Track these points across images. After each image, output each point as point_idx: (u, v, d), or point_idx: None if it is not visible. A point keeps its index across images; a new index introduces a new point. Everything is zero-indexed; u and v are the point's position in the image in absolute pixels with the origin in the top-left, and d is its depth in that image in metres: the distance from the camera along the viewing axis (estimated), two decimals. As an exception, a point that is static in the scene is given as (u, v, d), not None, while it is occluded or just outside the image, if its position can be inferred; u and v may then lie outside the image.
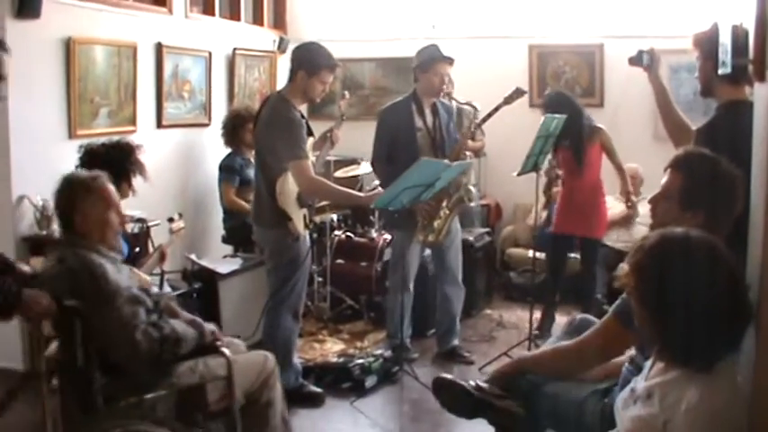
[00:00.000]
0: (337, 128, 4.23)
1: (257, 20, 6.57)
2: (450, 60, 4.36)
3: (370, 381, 4.17)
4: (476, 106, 4.29)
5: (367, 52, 6.81)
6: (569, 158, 4.84)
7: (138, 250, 3.95)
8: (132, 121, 4.95)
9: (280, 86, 5.12)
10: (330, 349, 4.78)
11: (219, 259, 4.90)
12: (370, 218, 5.69)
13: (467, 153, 4.36)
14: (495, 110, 4.29)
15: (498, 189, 6.44)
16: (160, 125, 5.26)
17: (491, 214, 6.49)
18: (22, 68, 3.76)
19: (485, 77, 5.49)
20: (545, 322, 5.01)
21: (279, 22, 6.84)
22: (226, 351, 2.79)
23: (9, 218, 4.11)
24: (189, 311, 3.10)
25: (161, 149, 5.10)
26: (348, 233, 5.60)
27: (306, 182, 3.68)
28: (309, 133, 3.82)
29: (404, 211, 3.86)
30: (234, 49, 6.01)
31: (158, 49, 5.17)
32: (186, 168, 5.56)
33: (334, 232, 5.53)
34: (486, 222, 6.32)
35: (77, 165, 3.46)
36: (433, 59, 4.33)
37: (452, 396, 2.56)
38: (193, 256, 4.50)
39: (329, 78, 3.83)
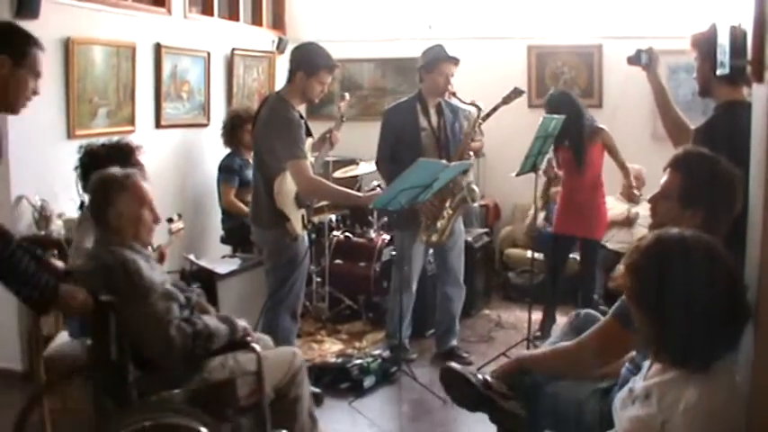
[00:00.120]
0: (337, 129, 4.22)
1: (256, 20, 6.57)
2: (456, 60, 4.36)
3: (368, 381, 4.18)
4: (479, 106, 4.28)
5: (366, 53, 6.81)
6: (569, 159, 4.83)
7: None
8: (131, 121, 4.95)
9: (278, 87, 5.12)
10: (328, 349, 4.78)
11: (218, 259, 4.89)
12: (369, 218, 5.68)
13: (470, 153, 4.36)
14: (494, 110, 4.30)
15: (497, 189, 6.44)
16: (159, 125, 5.25)
17: (490, 214, 6.49)
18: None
19: (483, 78, 5.48)
20: (546, 324, 5.01)
21: (278, 22, 6.84)
22: (256, 347, 2.80)
23: (7, 218, 4.07)
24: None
25: (160, 150, 5.09)
26: (347, 233, 5.60)
27: (304, 182, 3.68)
28: (308, 134, 3.82)
29: (407, 211, 3.86)
30: (233, 50, 6.01)
31: (157, 49, 5.16)
32: (185, 169, 5.56)
33: (333, 232, 5.53)
34: (485, 222, 6.33)
35: (77, 165, 3.46)
36: (437, 59, 4.34)
37: (458, 388, 2.56)
38: (192, 256, 4.49)
39: (328, 79, 3.83)
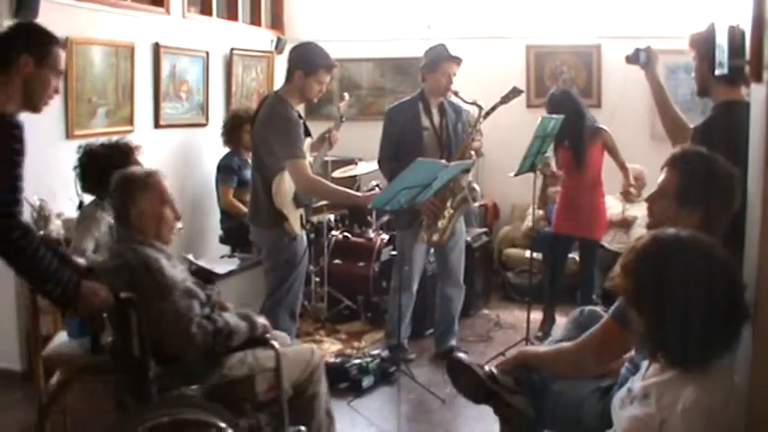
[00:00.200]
0: (336, 129, 4.22)
1: (255, 20, 6.57)
2: (458, 60, 4.35)
3: (367, 381, 4.18)
4: (481, 105, 4.28)
5: (364, 52, 6.81)
6: (569, 159, 4.83)
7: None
8: (130, 120, 4.95)
9: (277, 86, 5.10)
10: (327, 349, 4.77)
11: (217, 259, 4.89)
12: (368, 218, 5.68)
13: (471, 153, 4.35)
14: (493, 109, 4.29)
15: (496, 189, 6.44)
16: (157, 125, 5.25)
17: (488, 214, 6.50)
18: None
19: (482, 78, 5.47)
20: (546, 324, 5.01)
21: (276, 22, 6.84)
22: (275, 344, 2.82)
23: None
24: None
25: (158, 149, 5.07)
26: (345, 233, 5.60)
27: (303, 181, 3.67)
28: (307, 134, 3.82)
29: (408, 210, 3.85)
30: (231, 50, 6.01)
31: (156, 49, 5.16)
32: (183, 169, 5.55)
33: (332, 232, 5.53)
34: (484, 222, 6.34)
35: (76, 165, 3.45)
36: (440, 59, 4.33)
37: (465, 379, 2.55)
38: (191, 256, 4.48)
39: (326, 78, 3.82)
